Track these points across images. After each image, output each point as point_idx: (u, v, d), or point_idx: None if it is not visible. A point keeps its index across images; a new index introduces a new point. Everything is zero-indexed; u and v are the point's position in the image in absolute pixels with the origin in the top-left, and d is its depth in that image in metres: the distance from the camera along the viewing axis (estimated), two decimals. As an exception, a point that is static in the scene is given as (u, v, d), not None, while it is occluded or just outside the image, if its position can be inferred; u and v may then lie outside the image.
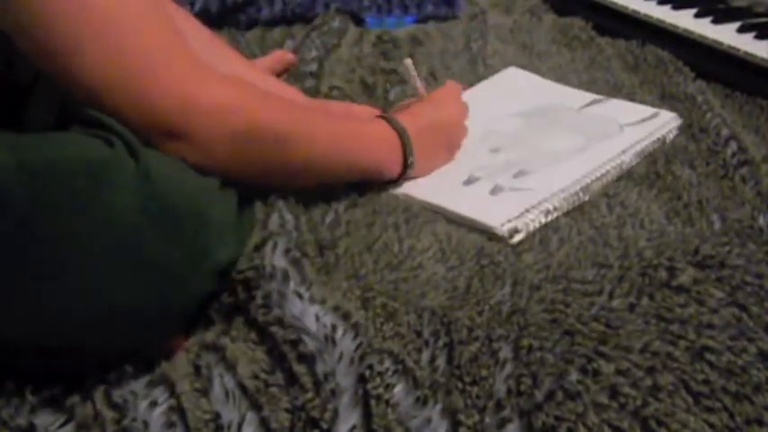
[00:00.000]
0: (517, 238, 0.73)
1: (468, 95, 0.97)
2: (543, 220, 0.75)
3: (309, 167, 0.73)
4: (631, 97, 0.99)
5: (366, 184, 0.80)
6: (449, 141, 0.87)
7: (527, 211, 0.75)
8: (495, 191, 0.80)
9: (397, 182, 0.81)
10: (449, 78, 1.07)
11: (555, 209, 0.76)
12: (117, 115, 0.61)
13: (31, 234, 0.54)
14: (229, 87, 0.67)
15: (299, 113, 0.74)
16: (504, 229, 0.73)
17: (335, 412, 0.55)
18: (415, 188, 0.81)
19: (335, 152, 0.75)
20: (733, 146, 0.85)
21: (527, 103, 0.98)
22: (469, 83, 1.05)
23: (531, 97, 1.00)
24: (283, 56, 1.10)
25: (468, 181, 0.83)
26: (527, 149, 0.87)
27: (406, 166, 0.80)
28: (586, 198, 0.79)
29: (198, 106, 0.64)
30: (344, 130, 0.76)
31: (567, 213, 0.77)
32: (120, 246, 0.56)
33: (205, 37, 0.91)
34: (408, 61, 0.90)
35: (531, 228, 0.74)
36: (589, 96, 0.98)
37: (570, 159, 0.84)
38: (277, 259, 0.64)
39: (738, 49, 1.05)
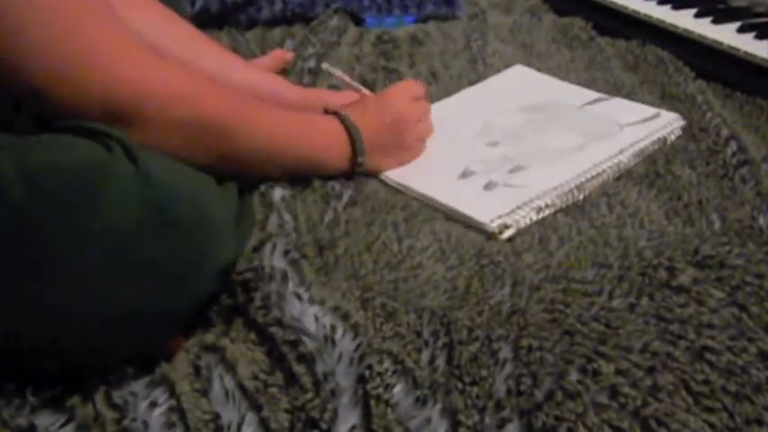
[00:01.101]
0: (507, 234, 0.73)
1: (474, 91, 0.96)
2: (534, 217, 0.75)
3: (251, 157, 0.73)
4: (631, 97, 0.99)
5: (364, 179, 0.81)
6: (397, 140, 0.85)
7: (518, 207, 0.76)
8: (488, 186, 0.80)
9: (348, 177, 0.81)
10: (449, 78, 1.08)
11: (547, 206, 0.76)
12: (61, 102, 0.60)
13: (32, 235, 0.54)
14: (176, 75, 0.67)
15: (244, 103, 0.74)
16: (493, 225, 0.73)
17: (335, 412, 0.54)
18: (410, 179, 0.82)
19: (277, 144, 0.75)
20: (733, 146, 0.85)
21: (530, 99, 0.98)
22: (469, 83, 1.05)
23: (535, 94, 1.00)
24: (282, 55, 1.11)
25: (464, 175, 0.83)
26: (525, 145, 0.88)
27: (355, 162, 0.80)
28: (581, 196, 0.79)
29: (145, 92, 0.64)
30: (290, 123, 0.77)
31: (566, 213, 0.77)
32: (120, 249, 0.56)
33: (185, 33, 0.91)
34: (332, 70, 0.91)
35: (522, 224, 0.74)
36: (593, 94, 0.98)
37: (566, 157, 0.84)
38: (276, 260, 0.64)
39: (738, 49, 1.05)
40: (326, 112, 0.82)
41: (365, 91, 0.91)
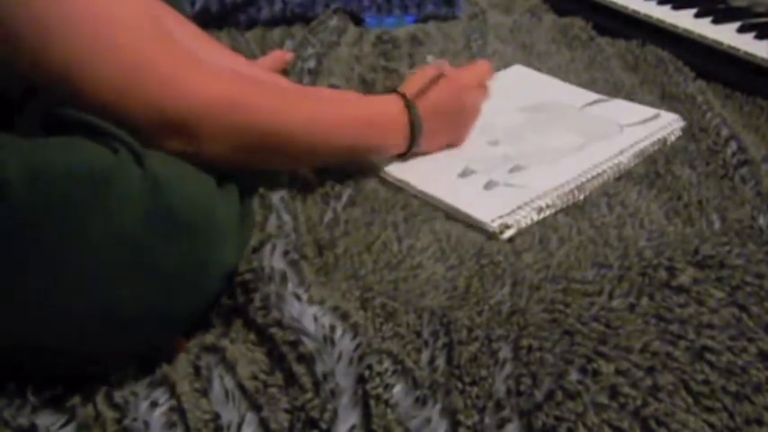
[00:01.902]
0: (508, 234, 0.73)
1: None
2: (535, 217, 0.75)
3: (311, 151, 0.74)
4: (631, 97, 0.99)
5: (364, 178, 0.82)
6: (458, 126, 0.88)
7: (519, 207, 0.76)
8: (489, 185, 0.80)
9: (400, 158, 0.84)
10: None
11: (547, 206, 0.76)
12: (113, 113, 0.60)
13: (34, 236, 0.53)
14: (228, 81, 0.68)
15: (300, 99, 0.74)
16: (494, 225, 0.73)
17: (335, 412, 0.54)
18: (410, 176, 0.82)
19: (337, 135, 0.76)
20: (733, 146, 0.85)
21: (530, 98, 0.98)
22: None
23: (535, 93, 1.00)
24: (282, 56, 1.11)
25: (464, 173, 0.83)
26: (525, 145, 0.88)
27: (409, 148, 0.82)
28: (581, 197, 0.79)
29: (199, 102, 0.64)
30: (348, 113, 0.77)
31: (566, 213, 0.77)
32: (125, 251, 0.56)
33: (191, 33, 0.91)
34: (430, 58, 0.91)
35: (523, 224, 0.74)
36: (593, 96, 0.98)
37: (567, 157, 0.84)
38: (275, 261, 0.64)
39: (738, 49, 1.05)
40: (395, 91, 0.82)
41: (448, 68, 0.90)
